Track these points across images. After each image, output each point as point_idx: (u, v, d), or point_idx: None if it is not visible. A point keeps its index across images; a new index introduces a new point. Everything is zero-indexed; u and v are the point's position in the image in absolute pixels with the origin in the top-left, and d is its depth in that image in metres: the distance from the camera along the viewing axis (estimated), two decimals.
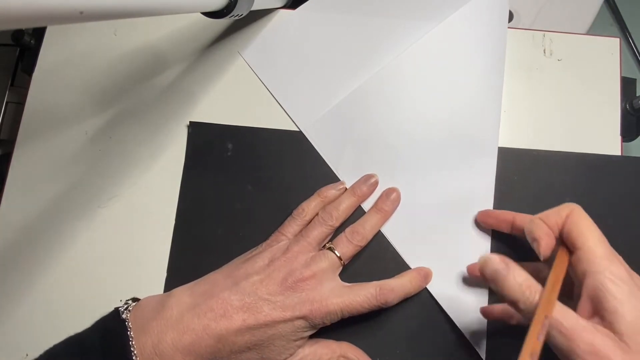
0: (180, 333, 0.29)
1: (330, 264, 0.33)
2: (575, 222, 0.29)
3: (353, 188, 0.37)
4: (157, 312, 0.30)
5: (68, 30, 0.42)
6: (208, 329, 0.29)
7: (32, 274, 0.37)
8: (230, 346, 0.30)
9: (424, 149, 0.38)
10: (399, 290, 0.33)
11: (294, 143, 0.39)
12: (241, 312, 0.30)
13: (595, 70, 0.40)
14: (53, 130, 0.40)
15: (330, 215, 0.35)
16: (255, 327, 0.30)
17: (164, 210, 0.38)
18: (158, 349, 0.29)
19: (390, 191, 0.37)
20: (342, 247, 0.34)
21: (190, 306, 0.30)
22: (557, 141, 0.39)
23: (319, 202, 0.36)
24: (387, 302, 0.33)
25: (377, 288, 0.33)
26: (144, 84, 0.41)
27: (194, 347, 0.29)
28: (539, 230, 0.29)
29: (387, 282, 0.34)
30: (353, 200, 0.36)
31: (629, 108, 0.39)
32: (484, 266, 0.28)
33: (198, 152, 0.39)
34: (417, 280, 0.35)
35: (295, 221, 0.35)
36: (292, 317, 0.30)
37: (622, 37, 0.40)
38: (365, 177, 0.37)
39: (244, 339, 0.30)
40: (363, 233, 0.35)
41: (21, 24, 0.19)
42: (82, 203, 0.38)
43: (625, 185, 0.37)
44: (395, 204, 0.37)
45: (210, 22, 0.41)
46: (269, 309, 0.30)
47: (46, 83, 0.41)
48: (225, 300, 0.31)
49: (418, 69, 0.39)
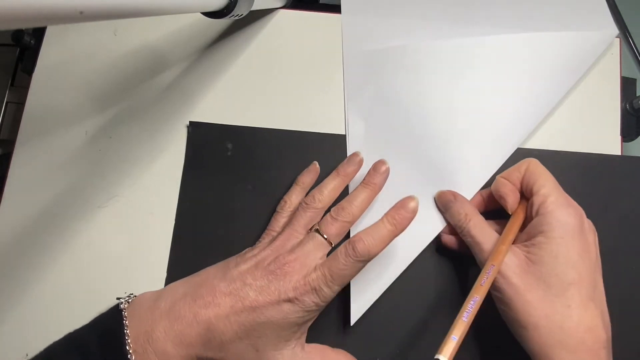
0: (172, 321, 0.29)
1: (316, 245, 0.32)
2: (532, 172, 0.32)
3: (337, 169, 0.36)
4: (152, 302, 0.30)
5: (68, 30, 0.42)
6: (198, 316, 0.29)
7: (32, 273, 0.37)
8: (220, 335, 0.29)
9: (441, 127, 0.37)
10: (368, 238, 0.30)
11: (294, 143, 0.39)
12: (228, 298, 0.30)
13: (595, 70, 0.40)
14: (53, 130, 0.40)
15: (314, 198, 0.34)
16: (243, 312, 0.29)
17: (164, 210, 0.38)
18: (151, 337, 0.28)
19: (379, 164, 0.35)
20: (326, 226, 0.32)
21: (183, 295, 0.30)
22: (557, 141, 0.39)
23: (299, 190, 0.36)
24: (361, 253, 0.29)
25: (346, 244, 0.30)
26: (144, 84, 0.41)
27: (184, 336, 0.29)
28: (503, 187, 0.33)
29: (357, 234, 0.30)
30: (338, 181, 0.35)
31: (629, 108, 0.39)
32: (438, 198, 0.36)
33: (198, 152, 0.39)
34: (389, 222, 0.31)
35: (280, 215, 0.35)
36: (278, 300, 0.29)
37: (622, 37, 0.40)
38: (350, 157, 0.37)
39: (233, 327, 0.29)
40: (349, 209, 0.33)
41: (21, 24, 0.19)
42: (82, 203, 0.38)
43: (625, 185, 0.37)
44: (385, 176, 0.34)
45: (210, 22, 0.41)
46: (255, 294, 0.30)
47: (46, 83, 0.41)
48: (214, 287, 0.30)
49: (488, 57, 0.39)
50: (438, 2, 0.41)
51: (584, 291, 0.28)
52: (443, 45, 0.39)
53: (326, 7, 0.42)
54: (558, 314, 0.28)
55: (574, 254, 0.28)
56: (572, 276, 0.28)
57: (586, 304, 0.28)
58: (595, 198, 0.37)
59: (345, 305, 0.35)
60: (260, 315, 0.29)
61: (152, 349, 0.28)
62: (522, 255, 0.30)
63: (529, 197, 0.32)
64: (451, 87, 0.38)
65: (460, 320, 0.27)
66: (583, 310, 0.28)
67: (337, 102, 0.40)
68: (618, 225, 0.36)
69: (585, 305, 0.28)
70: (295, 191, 0.36)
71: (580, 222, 0.29)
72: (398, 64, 0.39)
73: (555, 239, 0.29)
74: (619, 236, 0.36)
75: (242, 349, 0.30)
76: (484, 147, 0.37)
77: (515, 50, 0.39)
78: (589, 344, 0.27)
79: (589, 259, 0.29)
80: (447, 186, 0.37)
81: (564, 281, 0.28)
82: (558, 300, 0.28)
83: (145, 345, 0.28)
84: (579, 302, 0.28)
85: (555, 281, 0.28)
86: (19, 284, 0.37)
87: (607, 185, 0.37)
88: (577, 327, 0.27)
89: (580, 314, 0.28)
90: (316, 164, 0.37)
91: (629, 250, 0.36)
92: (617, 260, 0.35)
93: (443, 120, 0.38)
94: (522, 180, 0.32)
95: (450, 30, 0.40)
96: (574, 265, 0.28)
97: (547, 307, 0.28)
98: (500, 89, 0.38)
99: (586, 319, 0.28)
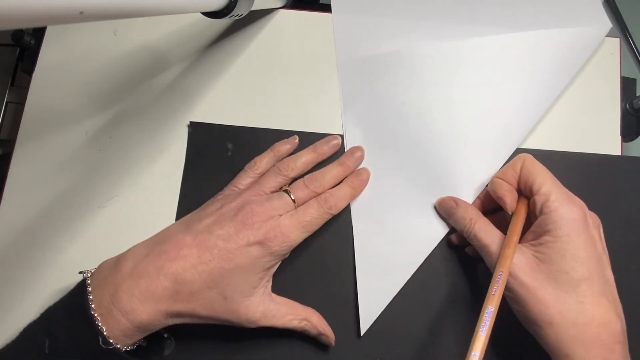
0: (136, 279, 0.29)
1: (282, 204, 0.33)
2: (528, 170, 0.32)
3: (315, 145, 0.38)
4: (114, 266, 0.30)
5: (68, 30, 0.42)
6: (163, 270, 0.29)
7: (32, 273, 0.37)
8: (188, 286, 0.29)
9: (439, 129, 0.38)
10: (336, 194, 0.34)
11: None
12: (195, 249, 0.30)
13: (595, 70, 0.40)
14: (53, 130, 0.40)
15: (287, 166, 0.35)
16: (212, 260, 0.30)
17: (164, 210, 0.38)
18: (115, 298, 0.28)
19: (355, 149, 0.38)
20: (297, 191, 0.34)
21: (145, 254, 0.30)
22: (557, 141, 0.38)
23: (272, 156, 0.37)
24: (331, 206, 0.34)
25: (318, 198, 0.34)
26: (144, 84, 0.41)
27: (150, 291, 0.29)
28: (500, 189, 0.33)
29: (326, 192, 0.35)
30: (312, 157, 0.37)
31: (629, 108, 0.39)
32: (439, 206, 0.36)
33: (198, 152, 0.39)
34: (349, 185, 0.36)
35: (247, 173, 0.36)
36: (247, 243, 0.30)
37: (622, 37, 0.40)
38: (329, 138, 0.38)
39: (202, 277, 0.29)
40: (321, 180, 0.35)
41: (21, 24, 0.19)
42: (82, 203, 0.38)
43: (625, 185, 0.37)
44: (358, 162, 0.37)
45: (210, 22, 0.41)
46: (224, 242, 0.30)
47: (46, 83, 0.41)
48: (179, 241, 0.30)
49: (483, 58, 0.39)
50: (428, 2, 0.41)
51: (595, 287, 0.28)
52: (435, 48, 0.39)
53: (326, 7, 0.42)
54: (571, 311, 0.28)
55: (582, 251, 0.28)
56: (581, 273, 0.28)
57: (599, 300, 0.28)
58: (595, 198, 0.37)
59: (354, 315, 0.35)
60: (229, 261, 0.30)
61: (118, 308, 0.28)
62: (530, 255, 0.30)
63: (529, 196, 0.32)
64: (446, 89, 0.38)
65: (478, 335, 0.27)
66: (596, 306, 0.28)
67: (337, 102, 0.40)
68: (618, 225, 0.36)
69: (598, 300, 0.28)
70: (267, 156, 0.37)
71: (584, 217, 0.29)
72: (392, 68, 0.39)
73: (561, 237, 0.29)
74: (619, 236, 0.36)
75: (212, 298, 0.30)
76: (484, 149, 0.37)
77: (510, 50, 0.39)
78: (604, 338, 0.27)
79: (595, 254, 0.29)
80: (447, 189, 0.37)
81: (574, 278, 0.28)
82: (570, 297, 0.28)
83: (109, 306, 0.28)
84: (591, 298, 0.28)
85: (565, 279, 0.28)
86: (19, 283, 0.37)
87: (607, 185, 0.37)
88: (591, 323, 0.27)
89: (594, 310, 0.28)
90: (296, 138, 0.38)
91: (629, 250, 0.36)
92: (618, 260, 0.35)
93: (441, 123, 0.38)
94: (519, 178, 0.32)
95: (441, 30, 0.40)
96: (582, 262, 0.28)
97: (559, 304, 0.28)
98: (497, 89, 0.38)
99: (599, 314, 0.28)
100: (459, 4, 0.41)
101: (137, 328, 0.29)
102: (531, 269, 0.29)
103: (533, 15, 0.39)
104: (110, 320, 0.28)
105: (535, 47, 0.38)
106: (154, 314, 0.29)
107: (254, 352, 0.35)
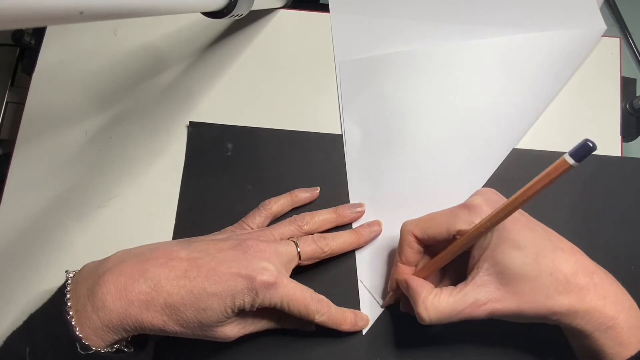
0: (117, 275, 0.28)
1: (288, 251, 0.32)
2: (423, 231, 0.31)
3: (337, 207, 0.37)
4: (99, 263, 0.30)
5: (68, 30, 0.42)
6: (145, 274, 0.28)
7: (32, 273, 0.37)
8: (164, 297, 0.28)
9: (436, 130, 0.38)
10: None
11: (294, 143, 0.39)
12: (185, 263, 0.29)
13: (595, 70, 0.40)
14: (53, 130, 0.40)
15: (304, 219, 0.35)
16: (197, 277, 0.28)
17: (164, 210, 0.38)
18: (92, 290, 0.27)
19: (374, 223, 0.37)
20: (304, 244, 0.33)
21: (134, 255, 0.30)
22: (557, 141, 0.38)
23: (288, 200, 0.37)
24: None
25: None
26: (144, 84, 0.41)
27: (126, 290, 0.27)
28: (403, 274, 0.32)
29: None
30: (332, 217, 0.36)
31: (629, 108, 0.39)
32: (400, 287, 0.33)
33: (198, 152, 0.39)
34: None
35: (259, 212, 0.36)
36: (237, 273, 0.29)
37: (622, 37, 0.40)
38: (353, 204, 0.37)
39: (180, 292, 0.28)
40: (331, 242, 0.34)
41: (21, 24, 0.19)
42: (82, 203, 0.38)
43: (625, 186, 0.37)
44: (373, 235, 0.36)
45: (210, 22, 0.41)
46: (216, 264, 0.29)
47: (46, 83, 0.41)
48: (172, 252, 0.30)
49: (480, 59, 0.39)
50: (425, 3, 0.41)
51: (547, 252, 0.28)
52: (432, 49, 0.39)
53: (326, 7, 0.42)
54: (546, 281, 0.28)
55: (520, 238, 0.28)
56: (531, 257, 0.28)
57: (564, 255, 0.28)
58: (594, 198, 0.37)
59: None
60: (213, 285, 0.28)
61: (91, 303, 0.27)
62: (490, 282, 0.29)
63: (448, 238, 0.30)
64: (443, 89, 0.39)
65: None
66: (565, 261, 0.28)
67: (336, 101, 0.40)
68: (617, 225, 0.36)
69: (567, 256, 0.28)
70: (283, 198, 0.37)
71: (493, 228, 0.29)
72: (391, 69, 0.39)
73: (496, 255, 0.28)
74: (618, 237, 0.36)
75: (186, 317, 0.29)
76: (481, 149, 0.37)
77: (507, 51, 0.39)
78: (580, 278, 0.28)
79: (532, 234, 0.29)
80: (445, 188, 0.37)
81: (531, 265, 0.28)
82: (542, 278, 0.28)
83: (85, 301, 0.27)
84: (560, 258, 0.28)
85: (521, 267, 0.28)
86: (19, 283, 0.37)
87: (606, 186, 0.37)
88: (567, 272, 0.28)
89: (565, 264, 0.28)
90: (317, 189, 0.38)
91: (628, 250, 0.36)
92: (617, 260, 0.35)
93: (438, 122, 0.38)
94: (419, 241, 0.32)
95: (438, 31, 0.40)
96: (524, 248, 0.28)
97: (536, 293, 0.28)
98: (494, 90, 0.38)
99: (570, 264, 0.28)
100: (455, 6, 0.41)
101: (107, 327, 0.27)
102: (501, 295, 0.28)
103: (530, 17, 0.40)
104: (83, 317, 0.27)
105: (532, 49, 0.39)
106: (123, 316, 0.27)
107: (254, 352, 0.35)
